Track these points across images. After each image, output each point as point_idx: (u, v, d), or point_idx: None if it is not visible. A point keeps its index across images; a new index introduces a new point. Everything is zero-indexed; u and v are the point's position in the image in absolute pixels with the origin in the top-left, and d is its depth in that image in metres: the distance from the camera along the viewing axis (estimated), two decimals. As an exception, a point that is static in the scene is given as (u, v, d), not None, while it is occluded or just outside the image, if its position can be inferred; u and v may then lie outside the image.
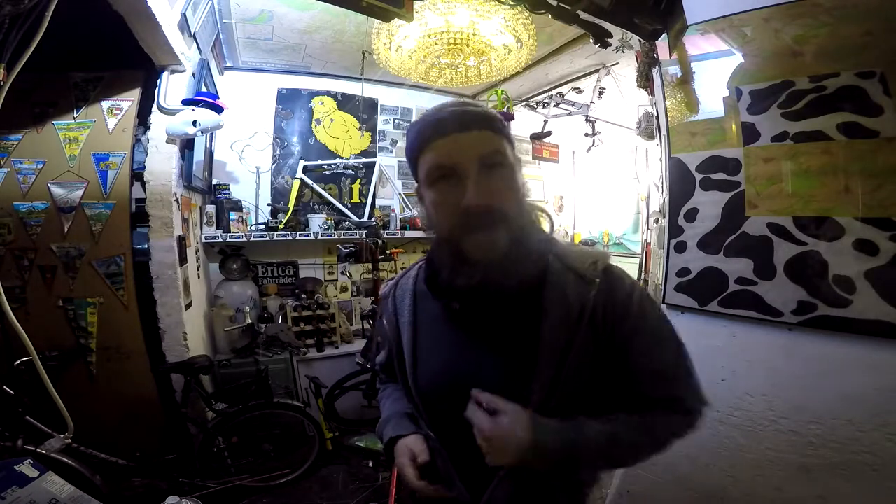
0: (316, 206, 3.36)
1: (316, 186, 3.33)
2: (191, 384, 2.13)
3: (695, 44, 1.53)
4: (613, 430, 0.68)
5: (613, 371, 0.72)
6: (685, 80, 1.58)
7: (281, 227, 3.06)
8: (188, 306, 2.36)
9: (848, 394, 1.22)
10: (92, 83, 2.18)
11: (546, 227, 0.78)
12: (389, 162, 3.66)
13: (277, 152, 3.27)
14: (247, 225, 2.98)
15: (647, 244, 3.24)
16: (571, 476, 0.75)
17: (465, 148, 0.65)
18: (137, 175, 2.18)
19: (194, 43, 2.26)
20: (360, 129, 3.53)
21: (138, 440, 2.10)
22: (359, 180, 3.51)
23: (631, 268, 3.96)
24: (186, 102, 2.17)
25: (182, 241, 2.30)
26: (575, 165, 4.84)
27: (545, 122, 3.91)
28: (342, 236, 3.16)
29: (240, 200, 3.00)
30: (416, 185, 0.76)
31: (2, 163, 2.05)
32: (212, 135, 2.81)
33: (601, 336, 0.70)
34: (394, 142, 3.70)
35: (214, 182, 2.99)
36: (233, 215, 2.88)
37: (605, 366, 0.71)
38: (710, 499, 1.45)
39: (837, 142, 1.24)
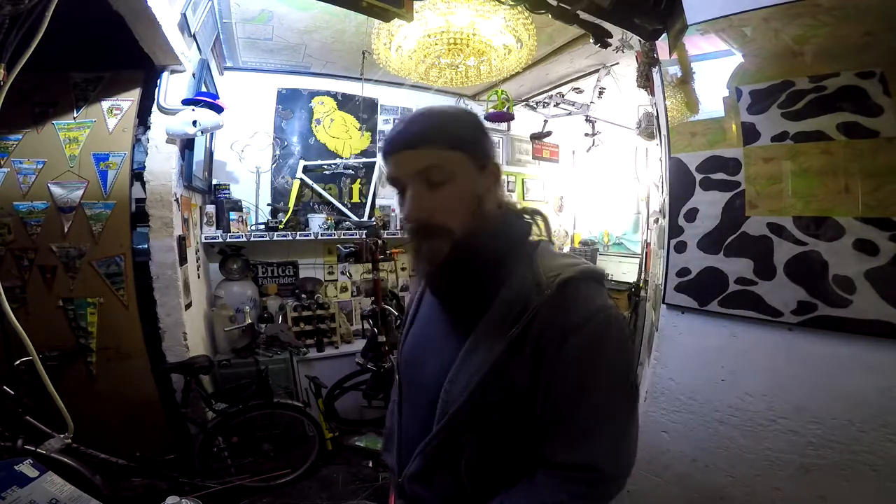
0: (316, 206, 3.36)
1: (316, 186, 3.33)
2: (191, 384, 2.13)
3: (695, 44, 1.53)
4: None
5: (527, 417, 0.66)
6: (685, 80, 1.58)
7: (281, 227, 3.06)
8: (188, 306, 2.36)
9: (848, 394, 1.22)
10: (92, 83, 2.17)
11: (538, 230, 0.78)
12: (389, 162, 3.66)
13: (277, 152, 3.27)
14: (247, 225, 2.98)
15: (647, 244, 3.23)
16: None
17: (404, 165, 0.70)
18: (137, 175, 2.18)
19: (194, 43, 2.25)
20: (360, 129, 3.53)
21: (138, 440, 2.10)
22: (359, 180, 3.51)
23: (631, 267, 3.97)
24: (186, 102, 2.17)
25: (182, 241, 2.30)
26: (575, 165, 4.84)
27: (545, 122, 3.92)
28: (342, 236, 3.16)
29: (240, 200, 3.00)
30: None
31: (2, 163, 2.04)
32: (212, 135, 2.81)
33: (534, 362, 0.64)
34: (394, 142, 3.69)
35: (214, 182, 2.99)
36: (233, 215, 2.88)
37: (528, 405, 0.66)
38: (710, 499, 1.45)
39: (837, 142, 1.23)
